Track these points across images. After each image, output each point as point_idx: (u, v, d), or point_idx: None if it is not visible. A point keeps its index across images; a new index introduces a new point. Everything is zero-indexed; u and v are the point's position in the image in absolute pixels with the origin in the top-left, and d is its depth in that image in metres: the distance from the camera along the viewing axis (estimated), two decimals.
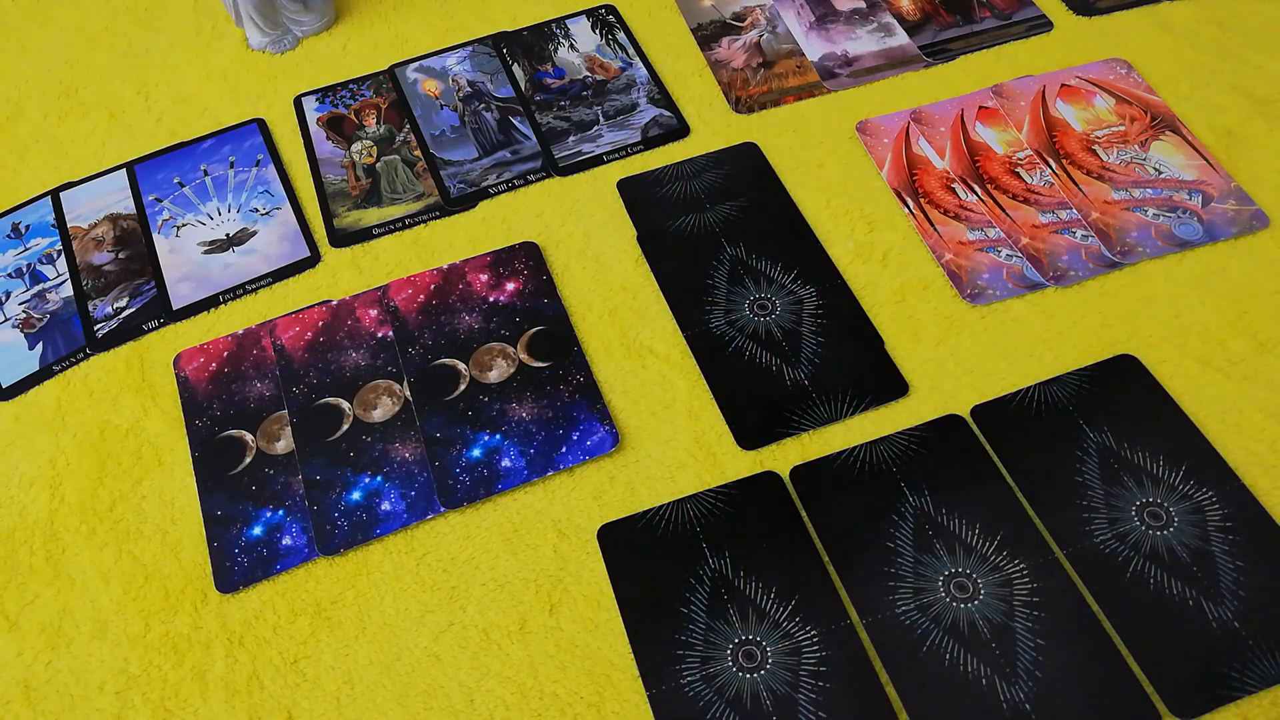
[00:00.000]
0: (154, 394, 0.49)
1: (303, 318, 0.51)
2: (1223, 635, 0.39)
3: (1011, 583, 0.41)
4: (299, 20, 0.65)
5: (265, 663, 0.41)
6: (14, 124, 0.63)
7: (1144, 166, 0.54)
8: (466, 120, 0.60)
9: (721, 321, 0.50)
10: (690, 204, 0.55)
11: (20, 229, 0.57)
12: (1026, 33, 0.62)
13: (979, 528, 0.42)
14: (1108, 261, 0.50)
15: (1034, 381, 0.47)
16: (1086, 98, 0.58)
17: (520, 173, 0.57)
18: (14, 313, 0.53)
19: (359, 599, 0.42)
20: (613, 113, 0.60)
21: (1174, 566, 0.41)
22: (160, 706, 0.40)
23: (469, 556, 0.43)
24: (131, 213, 0.57)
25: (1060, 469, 0.44)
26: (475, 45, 0.64)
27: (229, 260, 0.54)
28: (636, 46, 0.63)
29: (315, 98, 0.62)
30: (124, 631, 0.42)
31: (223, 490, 0.46)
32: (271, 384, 0.49)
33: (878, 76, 0.60)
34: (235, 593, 0.43)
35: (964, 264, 0.51)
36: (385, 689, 0.40)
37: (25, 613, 0.43)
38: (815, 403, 0.47)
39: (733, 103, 0.60)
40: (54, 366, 0.51)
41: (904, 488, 0.44)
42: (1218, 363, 0.47)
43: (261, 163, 0.59)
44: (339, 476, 0.45)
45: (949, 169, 0.55)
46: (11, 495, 0.47)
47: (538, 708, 0.39)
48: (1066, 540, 0.42)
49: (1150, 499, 0.43)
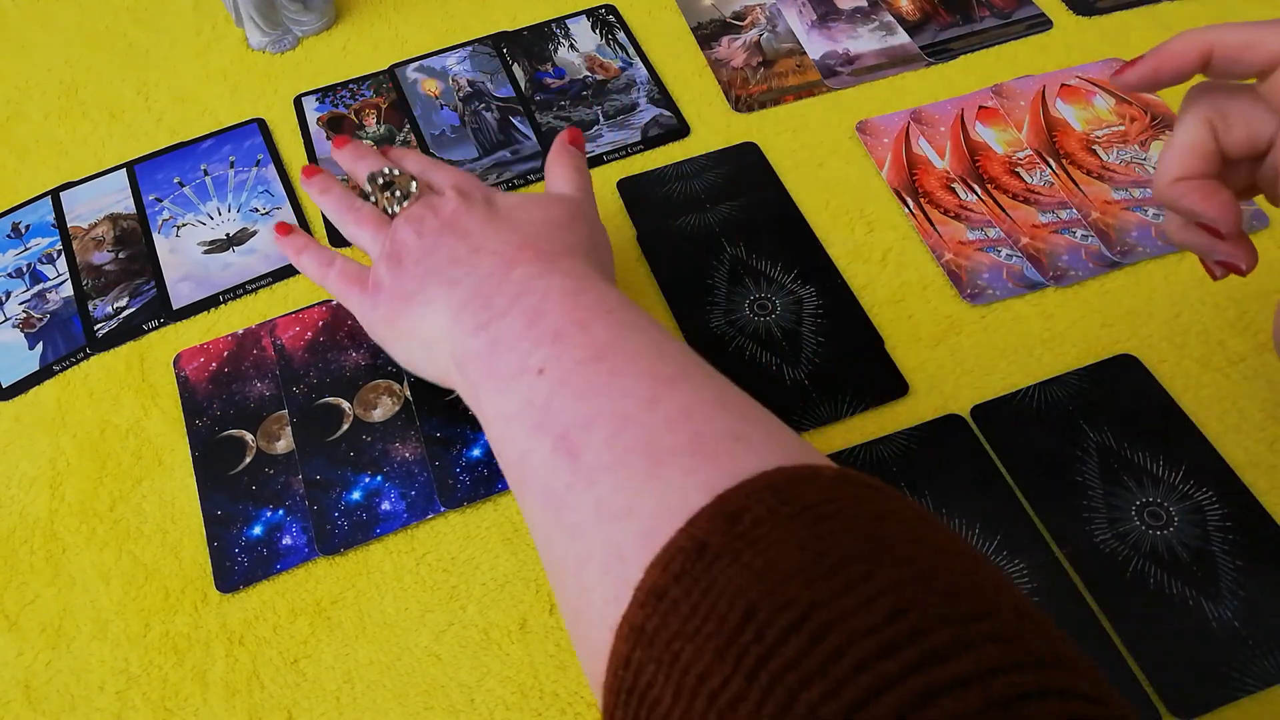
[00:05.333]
0: (154, 394, 0.49)
1: (303, 318, 0.51)
2: (1223, 635, 0.39)
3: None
4: (299, 20, 0.65)
5: (265, 662, 0.41)
6: (14, 124, 0.63)
7: (1144, 166, 0.54)
8: (466, 120, 0.60)
9: (721, 321, 0.50)
10: (690, 204, 0.55)
11: (20, 229, 0.57)
12: (1026, 32, 0.62)
13: (979, 528, 0.42)
14: (1108, 261, 0.50)
15: (1034, 381, 0.47)
16: (1086, 97, 0.58)
17: (520, 173, 0.57)
18: (14, 313, 0.53)
19: (359, 599, 0.42)
20: (613, 112, 0.60)
21: (1174, 566, 0.41)
22: (160, 706, 0.40)
23: (469, 556, 0.43)
24: (131, 213, 0.57)
25: (1060, 469, 0.44)
26: (475, 45, 0.64)
27: (229, 260, 0.54)
28: (636, 46, 0.63)
29: (315, 98, 0.62)
30: (124, 631, 0.42)
31: (223, 490, 0.46)
32: (271, 384, 0.49)
33: (878, 75, 0.60)
34: (235, 592, 0.43)
35: (964, 264, 0.51)
36: (385, 688, 0.40)
37: (25, 613, 0.43)
38: (815, 403, 0.47)
39: (732, 102, 0.60)
40: (54, 366, 0.51)
41: (904, 488, 0.44)
42: (1218, 363, 0.47)
43: (262, 162, 0.59)
44: (339, 476, 0.45)
45: (949, 169, 0.55)
46: (11, 495, 0.47)
47: (538, 708, 0.39)
48: (1066, 540, 0.42)
49: (1150, 499, 0.43)
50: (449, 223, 0.42)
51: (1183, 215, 0.37)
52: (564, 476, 0.31)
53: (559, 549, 0.31)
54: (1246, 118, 0.35)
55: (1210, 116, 0.35)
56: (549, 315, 0.35)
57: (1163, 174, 0.36)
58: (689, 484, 0.28)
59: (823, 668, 0.21)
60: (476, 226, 0.41)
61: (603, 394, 0.32)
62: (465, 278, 0.39)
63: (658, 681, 0.24)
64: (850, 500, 0.26)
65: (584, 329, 0.35)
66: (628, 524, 0.28)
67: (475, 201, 0.43)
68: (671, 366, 0.33)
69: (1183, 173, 0.36)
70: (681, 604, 0.24)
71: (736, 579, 0.24)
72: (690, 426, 0.30)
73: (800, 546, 0.24)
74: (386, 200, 0.44)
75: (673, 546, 0.26)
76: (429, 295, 0.39)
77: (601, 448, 0.30)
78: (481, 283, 0.38)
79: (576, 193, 0.45)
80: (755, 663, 0.22)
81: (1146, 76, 0.36)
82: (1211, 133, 0.35)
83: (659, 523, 0.27)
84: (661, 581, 0.25)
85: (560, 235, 0.41)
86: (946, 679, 0.20)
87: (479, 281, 0.38)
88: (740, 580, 0.24)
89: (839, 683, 0.21)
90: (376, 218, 0.44)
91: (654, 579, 0.26)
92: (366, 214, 0.45)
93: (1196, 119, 0.36)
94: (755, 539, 0.25)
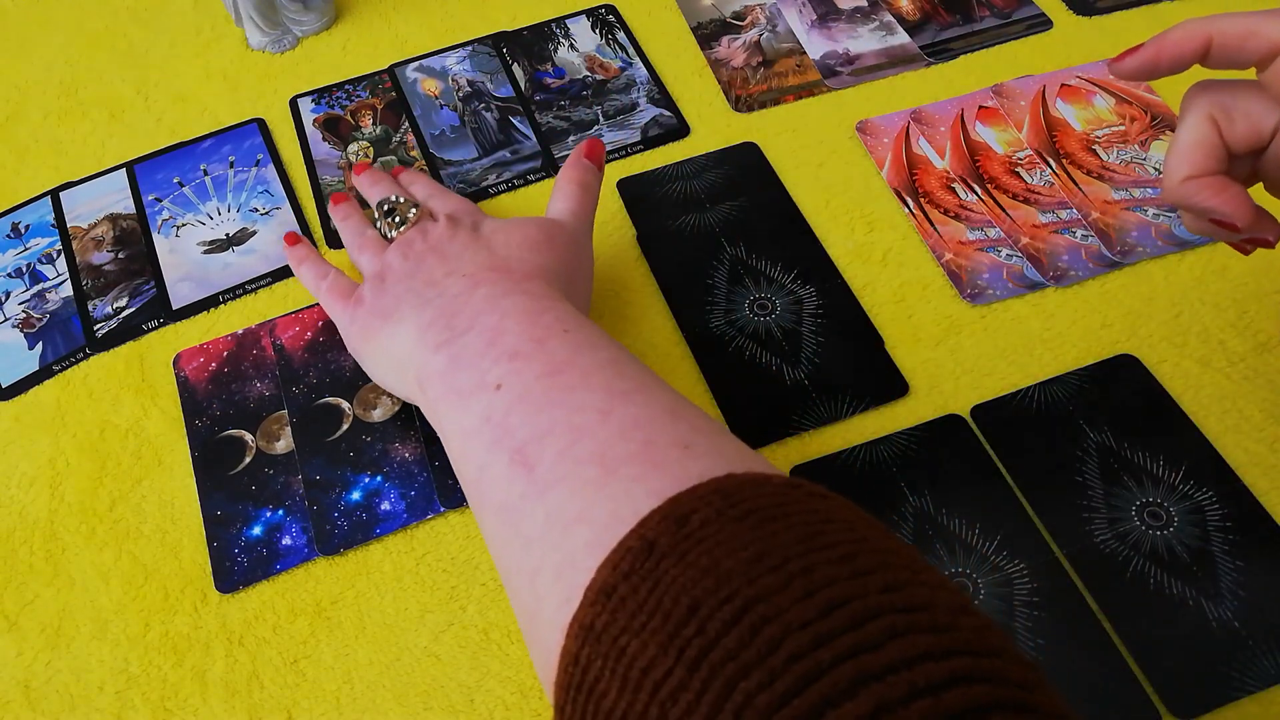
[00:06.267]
0: (154, 394, 0.49)
1: (303, 318, 0.51)
2: (1223, 635, 0.39)
3: (1011, 583, 0.41)
4: (299, 20, 0.65)
5: (265, 662, 0.41)
6: (14, 124, 0.63)
7: (1144, 166, 0.54)
8: (466, 120, 0.60)
9: (721, 321, 0.50)
10: (690, 204, 0.55)
11: (20, 229, 0.57)
12: (1026, 32, 0.62)
13: (979, 528, 0.42)
14: (1108, 261, 0.50)
15: (1034, 381, 0.47)
16: (1086, 97, 0.58)
17: (520, 172, 0.57)
18: (14, 313, 0.53)
19: (359, 599, 0.42)
20: (613, 112, 0.60)
21: (1174, 566, 0.41)
22: (160, 706, 0.40)
23: (469, 556, 0.43)
24: (131, 213, 0.57)
25: (1060, 469, 0.44)
26: (475, 45, 0.64)
27: (229, 260, 0.54)
28: (636, 46, 0.63)
29: (311, 99, 0.62)
30: (124, 631, 0.42)
31: (222, 490, 0.46)
32: (271, 384, 0.49)
33: (878, 75, 0.60)
34: (235, 593, 0.43)
35: (964, 264, 0.51)
36: (385, 689, 0.40)
37: (25, 613, 0.43)
38: (815, 403, 0.47)
39: (732, 102, 0.60)
40: (54, 366, 0.51)
41: (904, 488, 0.44)
42: (1218, 363, 0.47)
43: (261, 162, 0.59)
44: (339, 476, 0.45)
45: (949, 169, 0.55)
46: (11, 495, 0.47)
47: (538, 708, 0.39)
48: (1066, 540, 0.42)
49: (1150, 499, 0.43)
50: (433, 246, 0.44)
51: (1195, 213, 0.37)
52: (519, 487, 0.32)
53: (514, 559, 0.32)
54: (1248, 111, 0.35)
55: (1212, 112, 0.35)
56: (508, 334, 0.37)
57: (1171, 175, 0.36)
58: (638, 490, 0.29)
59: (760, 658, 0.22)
60: (456, 250, 0.43)
61: (558, 407, 0.33)
62: (436, 298, 0.40)
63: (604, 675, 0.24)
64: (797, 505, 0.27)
65: (541, 346, 0.36)
66: (579, 530, 0.29)
67: (462, 227, 0.45)
68: (627, 381, 0.34)
69: (1191, 171, 0.35)
70: (629, 601, 0.25)
71: (682, 577, 0.25)
72: (641, 435, 0.31)
73: (744, 545, 0.25)
74: (386, 225, 0.47)
75: (623, 547, 0.27)
76: (402, 314, 0.41)
77: (555, 460, 0.31)
78: (449, 303, 0.40)
79: (567, 216, 0.46)
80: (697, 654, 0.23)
81: (1145, 65, 0.36)
82: (1215, 128, 0.35)
83: (609, 529, 0.28)
84: (611, 580, 0.26)
85: (532, 257, 0.42)
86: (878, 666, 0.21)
87: (447, 301, 0.40)
88: (686, 578, 0.25)
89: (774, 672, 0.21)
90: (376, 243, 0.47)
91: (604, 578, 0.27)
92: (369, 240, 0.47)
93: (1199, 116, 0.36)
94: (702, 538, 0.26)
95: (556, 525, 0.30)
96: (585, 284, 0.46)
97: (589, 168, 0.48)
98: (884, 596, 0.23)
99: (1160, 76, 0.36)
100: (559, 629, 0.28)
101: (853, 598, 0.23)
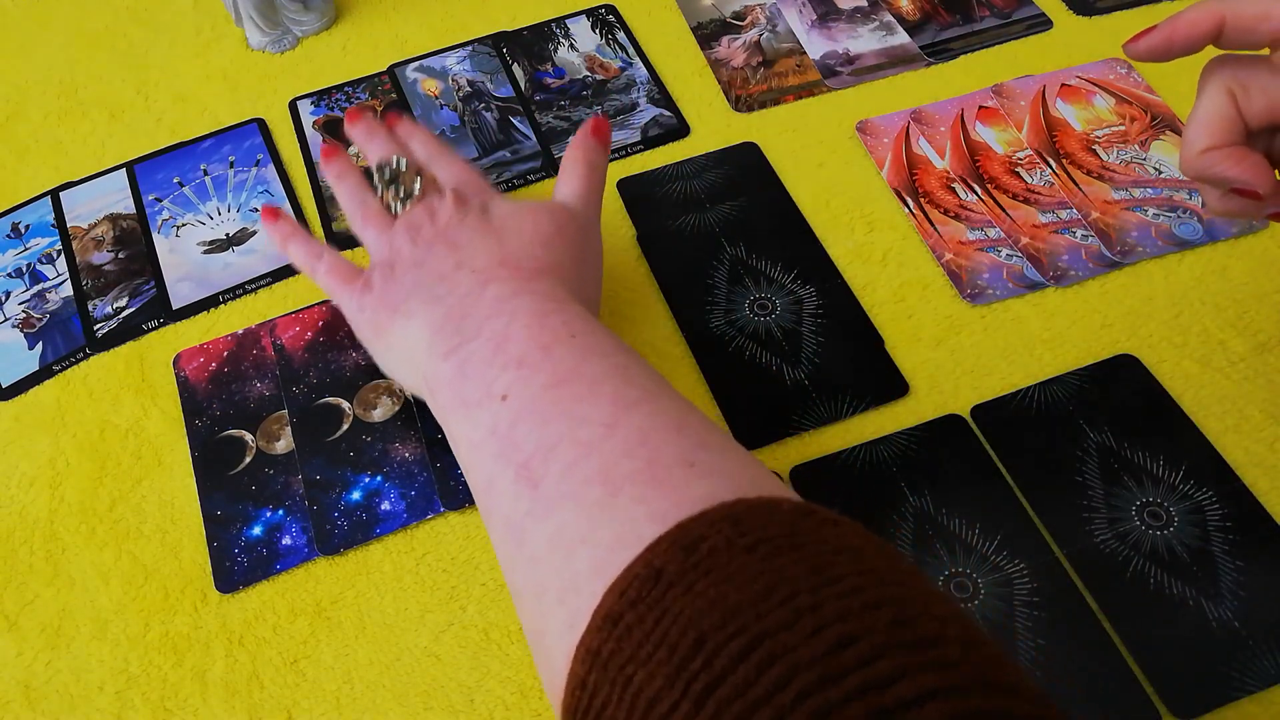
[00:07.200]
0: (154, 394, 0.49)
1: (303, 318, 0.51)
2: (1223, 635, 0.39)
3: (1011, 583, 0.41)
4: (299, 20, 0.65)
5: (265, 662, 0.41)
6: (14, 124, 0.63)
7: (1144, 166, 0.54)
8: (466, 120, 0.60)
9: (721, 321, 0.50)
10: (690, 204, 0.55)
11: (20, 229, 0.57)
12: (1026, 32, 0.62)
13: (979, 528, 0.42)
14: (1108, 261, 0.50)
15: (1034, 381, 0.47)
16: (1086, 97, 0.58)
17: (520, 172, 0.57)
18: (14, 312, 0.53)
19: (359, 599, 0.42)
20: (613, 112, 0.60)
21: (1174, 566, 0.41)
22: (160, 706, 0.40)
23: (469, 556, 0.43)
24: (131, 213, 0.57)
25: (1060, 469, 0.44)
26: (475, 45, 0.64)
27: (229, 260, 0.54)
28: (636, 46, 0.63)
29: (310, 101, 0.62)
30: (124, 631, 0.42)
31: (222, 490, 0.46)
32: (271, 384, 0.49)
33: (878, 75, 0.60)
34: (235, 593, 0.43)
35: (964, 264, 0.51)
36: (385, 689, 0.40)
37: (25, 613, 0.43)
38: (815, 403, 0.47)
39: (732, 102, 0.60)
40: (54, 366, 0.51)
41: (904, 488, 0.44)
42: (1218, 363, 0.47)
43: (261, 162, 0.59)
44: (339, 476, 0.45)
45: (949, 169, 0.55)
46: (11, 495, 0.47)
47: (538, 708, 0.39)
48: (1066, 540, 0.42)
49: (1150, 499, 0.43)
50: (442, 233, 0.42)
51: (1216, 185, 0.37)
52: (524, 505, 0.32)
53: (520, 576, 0.32)
54: (1265, 87, 0.35)
55: (1230, 86, 0.35)
56: (514, 340, 0.36)
57: (1190, 147, 0.36)
58: (639, 513, 0.29)
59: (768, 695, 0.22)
60: (466, 239, 0.42)
61: (563, 420, 0.33)
62: (446, 295, 0.40)
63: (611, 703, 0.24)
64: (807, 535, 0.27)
65: (548, 353, 0.35)
66: (583, 553, 0.29)
67: (470, 210, 0.43)
68: (634, 390, 0.34)
69: (1210, 142, 0.35)
70: (635, 630, 0.25)
71: (689, 608, 0.25)
72: (645, 452, 0.31)
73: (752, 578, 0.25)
74: (390, 197, 0.44)
75: (630, 573, 0.27)
76: (412, 309, 0.40)
77: (560, 477, 0.31)
78: (459, 302, 0.39)
79: (576, 201, 0.45)
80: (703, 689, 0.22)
81: (1159, 45, 0.36)
82: (1233, 102, 0.35)
83: (614, 553, 0.28)
84: (617, 607, 0.26)
85: (543, 253, 0.41)
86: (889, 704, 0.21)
87: (457, 300, 0.39)
88: (693, 609, 0.24)
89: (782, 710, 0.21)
90: (381, 217, 0.45)
91: (610, 604, 0.26)
92: (373, 212, 0.45)
93: (1217, 89, 0.35)
94: (710, 568, 0.25)
95: (560, 547, 0.30)
96: (595, 273, 0.45)
97: (596, 146, 0.46)
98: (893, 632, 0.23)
99: (1174, 57, 0.36)
100: (565, 652, 0.28)
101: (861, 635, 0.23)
